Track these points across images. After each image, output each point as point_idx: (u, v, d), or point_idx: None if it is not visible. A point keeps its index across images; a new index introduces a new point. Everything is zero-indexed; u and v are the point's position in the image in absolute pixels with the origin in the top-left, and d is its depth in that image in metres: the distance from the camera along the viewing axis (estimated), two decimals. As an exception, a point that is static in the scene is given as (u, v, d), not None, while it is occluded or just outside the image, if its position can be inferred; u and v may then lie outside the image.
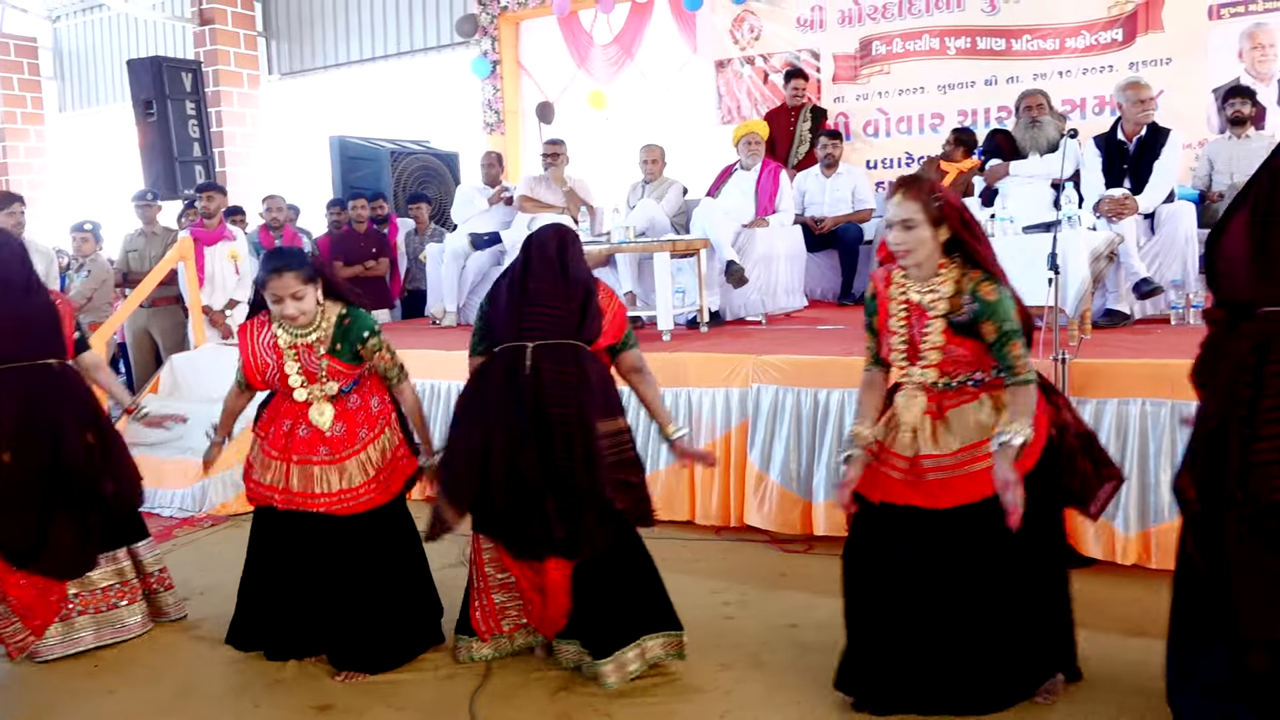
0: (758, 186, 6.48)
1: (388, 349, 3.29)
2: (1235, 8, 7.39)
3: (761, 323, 6.13)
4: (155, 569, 3.75)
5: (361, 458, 3.23)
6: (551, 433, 2.87)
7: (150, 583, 3.71)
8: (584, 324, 3.00)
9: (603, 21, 9.85)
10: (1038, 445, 2.63)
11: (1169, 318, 5.11)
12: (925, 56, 8.45)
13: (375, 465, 3.24)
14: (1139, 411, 3.67)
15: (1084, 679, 2.89)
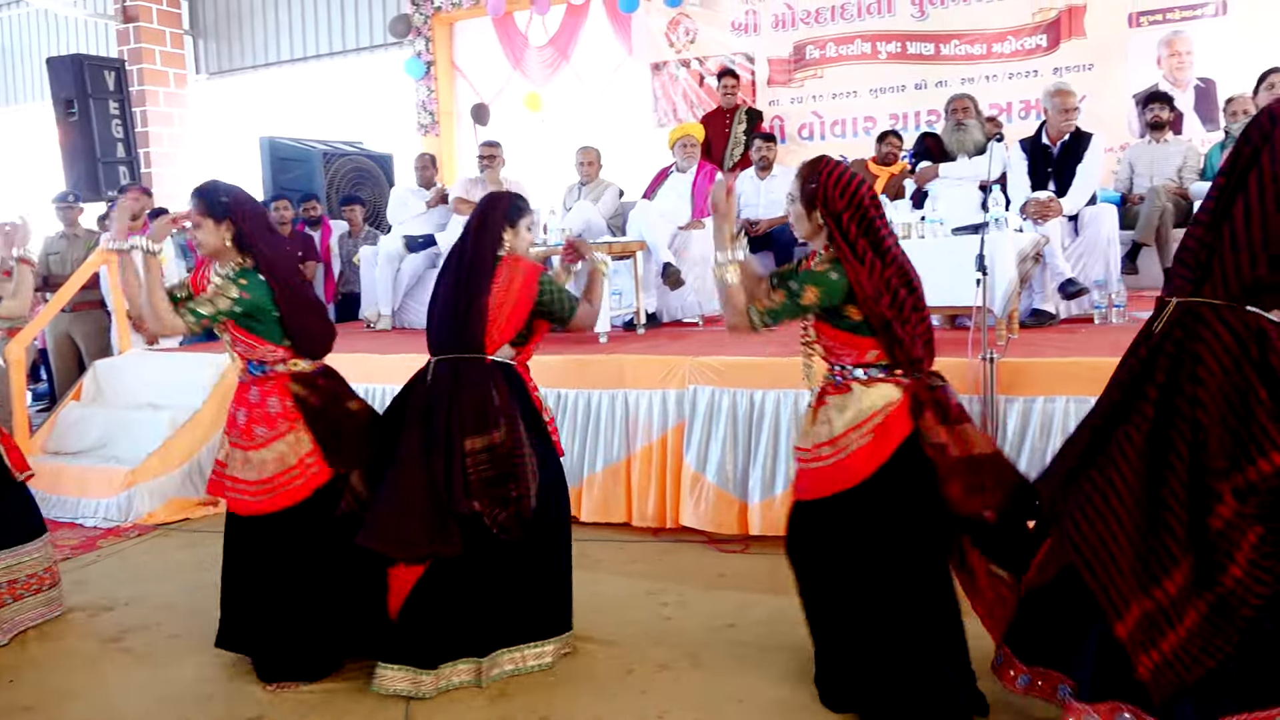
0: (694, 189, 6.51)
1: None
2: (1154, 16, 7.62)
3: (698, 324, 6.16)
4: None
5: (254, 456, 3.08)
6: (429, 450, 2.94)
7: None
8: (465, 334, 3.05)
9: (538, 23, 9.82)
10: (879, 456, 2.59)
11: (1093, 317, 5.24)
12: (857, 61, 8.58)
13: (265, 471, 3.07)
14: (1063, 409, 3.76)
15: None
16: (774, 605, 3.12)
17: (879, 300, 2.57)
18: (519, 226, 3.15)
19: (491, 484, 2.91)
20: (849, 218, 2.60)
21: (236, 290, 3.01)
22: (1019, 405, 3.85)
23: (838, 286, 2.60)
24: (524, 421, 3.04)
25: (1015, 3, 7.99)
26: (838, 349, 2.69)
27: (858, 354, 2.65)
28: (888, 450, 2.60)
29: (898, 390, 2.63)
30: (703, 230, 6.34)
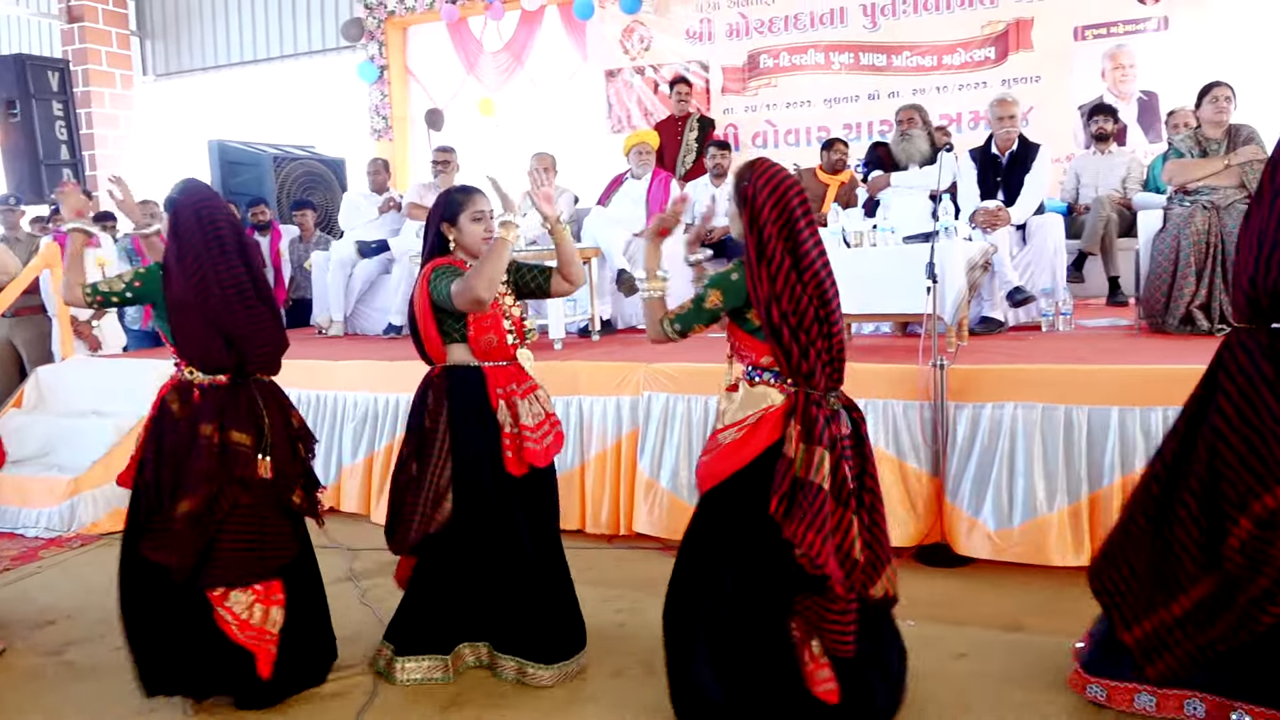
0: (648, 195, 6.53)
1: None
2: (1098, 29, 7.79)
3: (652, 331, 6.16)
4: None
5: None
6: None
7: None
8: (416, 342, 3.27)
9: (492, 29, 9.79)
10: (741, 458, 2.56)
11: (1040, 324, 5.33)
12: (810, 70, 8.67)
13: None
14: (1011, 414, 3.82)
15: (961, 677, 2.98)
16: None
17: (773, 305, 2.49)
18: (460, 221, 3.06)
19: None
20: (771, 221, 2.51)
21: (132, 276, 3.04)
22: (969, 411, 3.90)
23: (737, 288, 2.58)
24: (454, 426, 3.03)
25: (965, 15, 8.13)
26: (742, 350, 2.67)
27: (755, 357, 2.61)
28: (750, 454, 2.55)
29: (780, 396, 2.55)
30: (657, 237, 6.33)
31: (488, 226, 3.05)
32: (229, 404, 2.98)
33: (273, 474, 2.98)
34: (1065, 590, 3.62)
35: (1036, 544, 3.72)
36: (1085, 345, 4.61)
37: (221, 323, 2.95)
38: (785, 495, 2.46)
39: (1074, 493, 3.71)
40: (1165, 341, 4.60)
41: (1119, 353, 4.32)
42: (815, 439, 2.48)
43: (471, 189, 3.12)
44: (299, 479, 3.11)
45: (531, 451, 3.03)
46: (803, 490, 2.45)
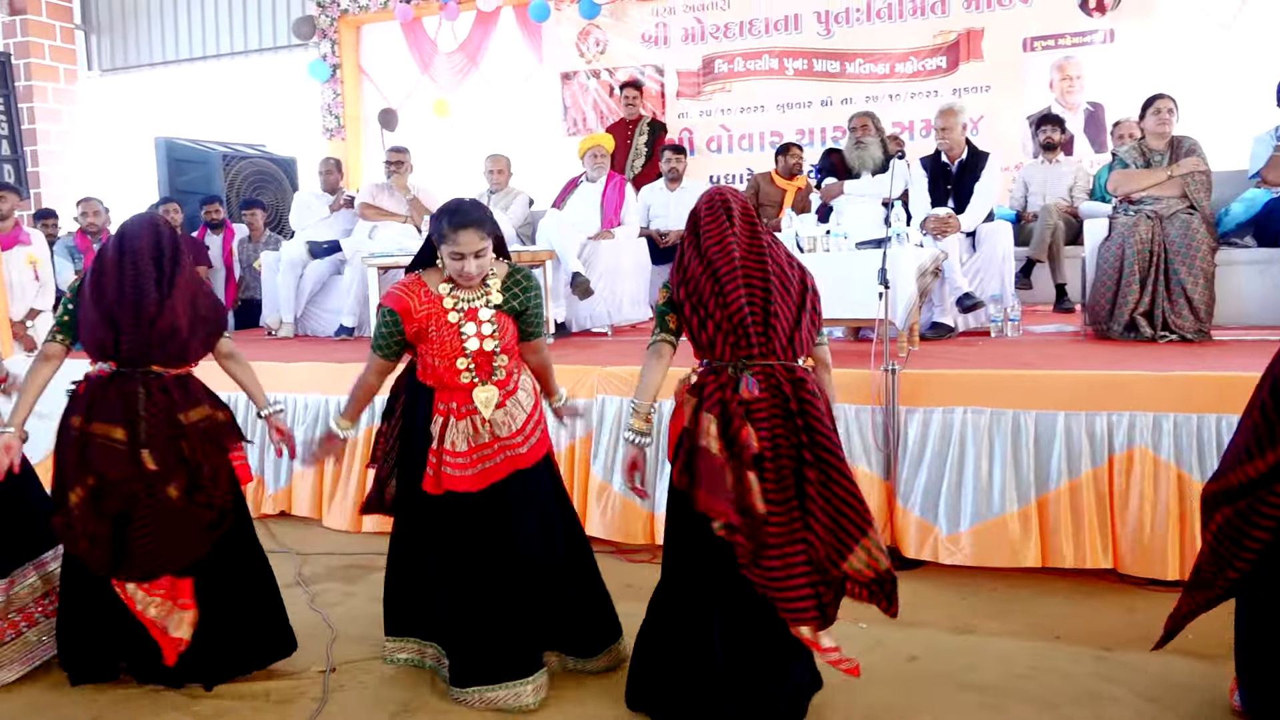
0: (603, 199, 6.52)
1: None
2: (1047, 41, 7.93)
3: (607, 334, 6.16)
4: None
5: None
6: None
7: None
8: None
9: (447, 29, 9.72)
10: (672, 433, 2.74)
11: (989, 330, 5.41)
12: (765, 76, 8.72)
13: None
14: (961, 419, 3.87)
15: (913, 679, 3.01)
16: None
17: (680, 288, 2.68)
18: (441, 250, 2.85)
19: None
20: (686, 225, 2.78)
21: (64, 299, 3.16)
22: (919, 415, 3.95)
23: (668, 284, 2.77)
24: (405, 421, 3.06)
25: (917, 24, 8.22)
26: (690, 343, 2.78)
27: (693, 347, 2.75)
28: (674, 431, 2.71)
29: (694, 376, 2.68)
30: (612, 240, 6.35)
31: (464, 268, 2.81)
32: (99, 397, 2.97)
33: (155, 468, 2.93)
34: (1015, 592, 3.68)
35: (986, 547, 3.77)
36: (1033, 351, 4.69)
37: (106, 303, 2.98)
38: (684, 465, 2.58)
39: (1023, 496, 3.77)
40: (1110, 347, 4.69)
41: (1065, 358, 4.40)
42: (703, 405, 2.56)
43: (462, 221, 2.78)
44: (178, 476, 2.97)
45: (449, 477, 2.85)
46: (696, 456, 2.54)
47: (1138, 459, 3.64)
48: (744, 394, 2.55)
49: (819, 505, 2.52)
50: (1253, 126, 5.73)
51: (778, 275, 2.65)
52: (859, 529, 2.51)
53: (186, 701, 3.03)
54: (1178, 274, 4.76)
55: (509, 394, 2.94)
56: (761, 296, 2.61)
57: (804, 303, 2.68)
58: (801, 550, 2.51)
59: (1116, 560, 3.66)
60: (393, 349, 2.95)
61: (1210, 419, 3.58)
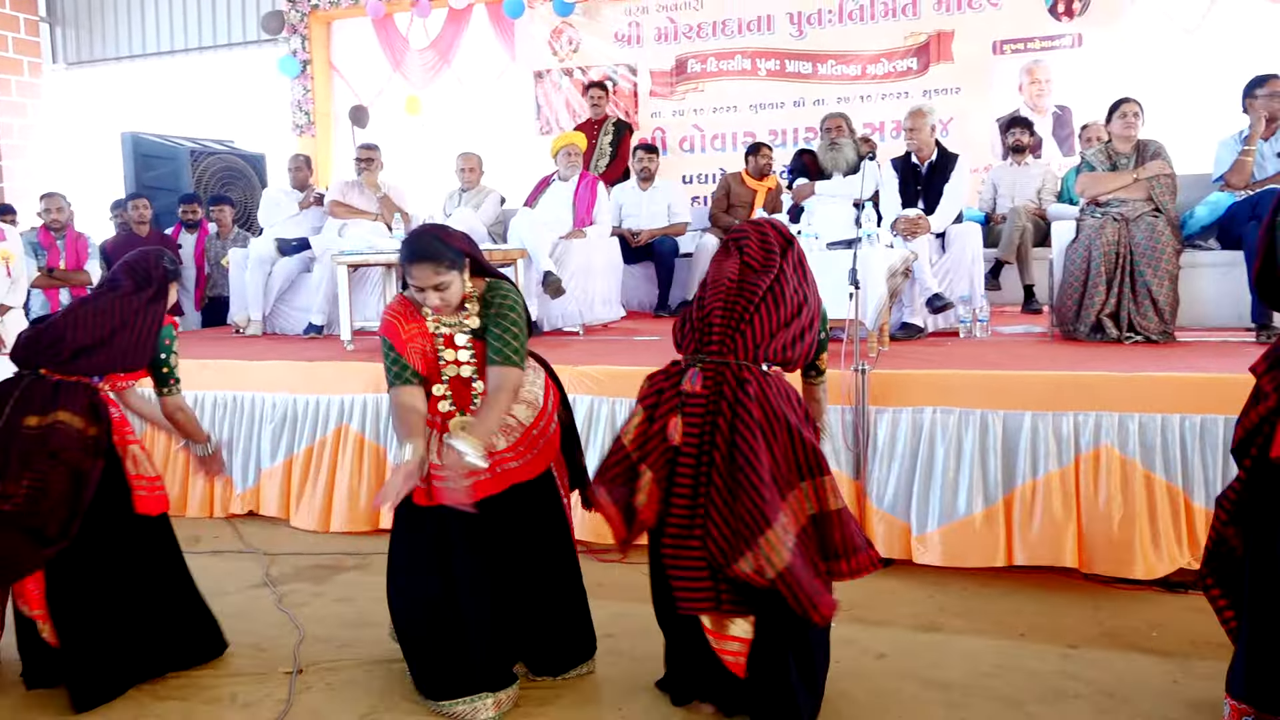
0: (575, 197, 6.51)
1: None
2: (1016, 44, 8.01)
3: (579, 333, 6.15)
4: None
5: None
6: None
7: None
8: None
9: (419, 25, 9.67)
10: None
11: (958, 331, 5.45)
12: (737, 76, 8.75)
13: None
14: (930, 419, 3.89)
15: (880, 676, 3.03)
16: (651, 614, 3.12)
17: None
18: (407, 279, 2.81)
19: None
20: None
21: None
22: (889, 415, 3.97)
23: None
24: None
25: (888, 26, 8.28)
26: None
27: None
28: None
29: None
30: (584, 239, 6.34)
31: (427, 301, 2.73)
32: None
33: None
34: (982, 590, 3.71)
35: (955, 546, 3.79)
36: (1000, 351, 4.73)
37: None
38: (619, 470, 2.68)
39: (990, 496, 3.79)
40: (1076, 348, 4.74)
41: (1033, 359, 4.44)
42: (640, 397, 2.69)
43: (414, 254, 2.70)
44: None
45: (436, 490, 2.75)
46: (611, 447, 2.70)
47: (1104, 458, 3.67)
48: (685, 386, 2.61)
49: (719, 504, 2.52)
50: (1217, 131, 5.81)
51: (775, 292, 2.66)
52: (752, 532, 2.47)
53: (151, 702, 2.99)
54: (1143, 276, 4.82)
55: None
56: (743, 305, 2.64)
57: (791, 324, 2.66)
58: (698, 543, 2.53)
59: (1082, 559, 3.69)
60: (405, 376, 2.77)
61: (1175, 419, 3.62)
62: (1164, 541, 3.58)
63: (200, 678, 3.13)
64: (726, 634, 2.60)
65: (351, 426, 4.74)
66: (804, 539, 2.55)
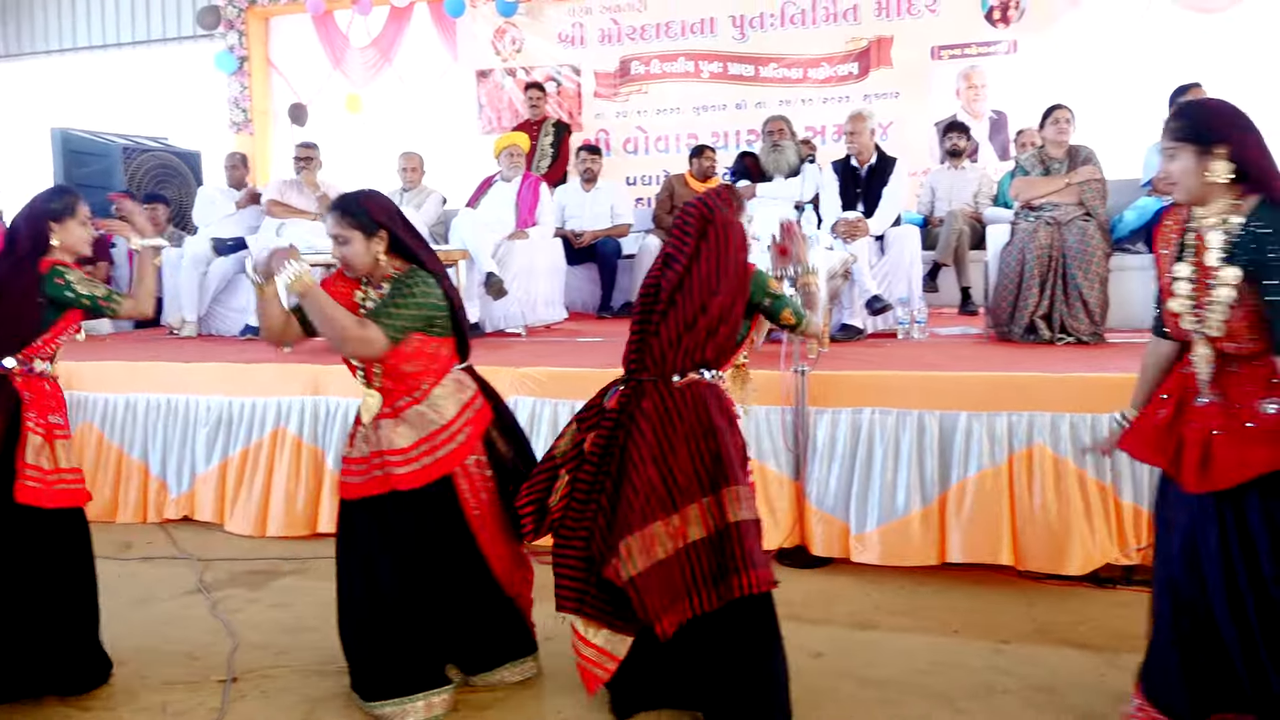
0: (518, 198, 6.48)
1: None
2: (954, 50, 8.15)
3: (521, 335, 6.13)
4: None
5: None
6: None
7: None
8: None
9: (360, 23, 9.57)
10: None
11: (897, 332, 5.52)
12: (680, 78, 8.79)
13: None
14: (869, 419, 3.94)
15: (817, 675, 3.06)
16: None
17: None
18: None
19: None
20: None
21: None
22: (828, 416, 4.01)
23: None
24: None
25: (829, 31, 8.37)
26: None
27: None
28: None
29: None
30: (527, 240, 6.32)
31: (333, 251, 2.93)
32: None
33: None
34: (918, 588, 3.76)
35: (892, 545, 3.84)
36: (938, 352, 4.80)
37: None
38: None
39: (927, 495, 3.85)
40: (1011, 349, 4.83)
41: (968, 360, 4.52)
42: (577, 413, 2.82)
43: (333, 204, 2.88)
44: None
45: (342, 483, 2.89)
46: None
47: (1036, 457, 3.75)
48: (606, 403, 2.75)
49: (605, 509, 2.64)
50: (1146, 137, 5.97)
51: (685, 294, 2.66)
52: (618, 538, 2.55)
53: (75, 713, 2.92)
54: (1074, 279, 4.93)
55: (399, 410, 2.83)
56: (647, 314, 2.73)
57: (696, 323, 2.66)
58: (581, 545, 2.67)
59: (1016, 556, 3.76)
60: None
61: (1104, 418, 3.68)
62: (1094, 538, 3.66)
63: (129, 686, 3.06)
64: (588, 640, 2.68)
65: (289, 429, 4.67)
66: (690, 552, 2.59)
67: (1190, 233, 2.38)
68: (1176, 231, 2.42)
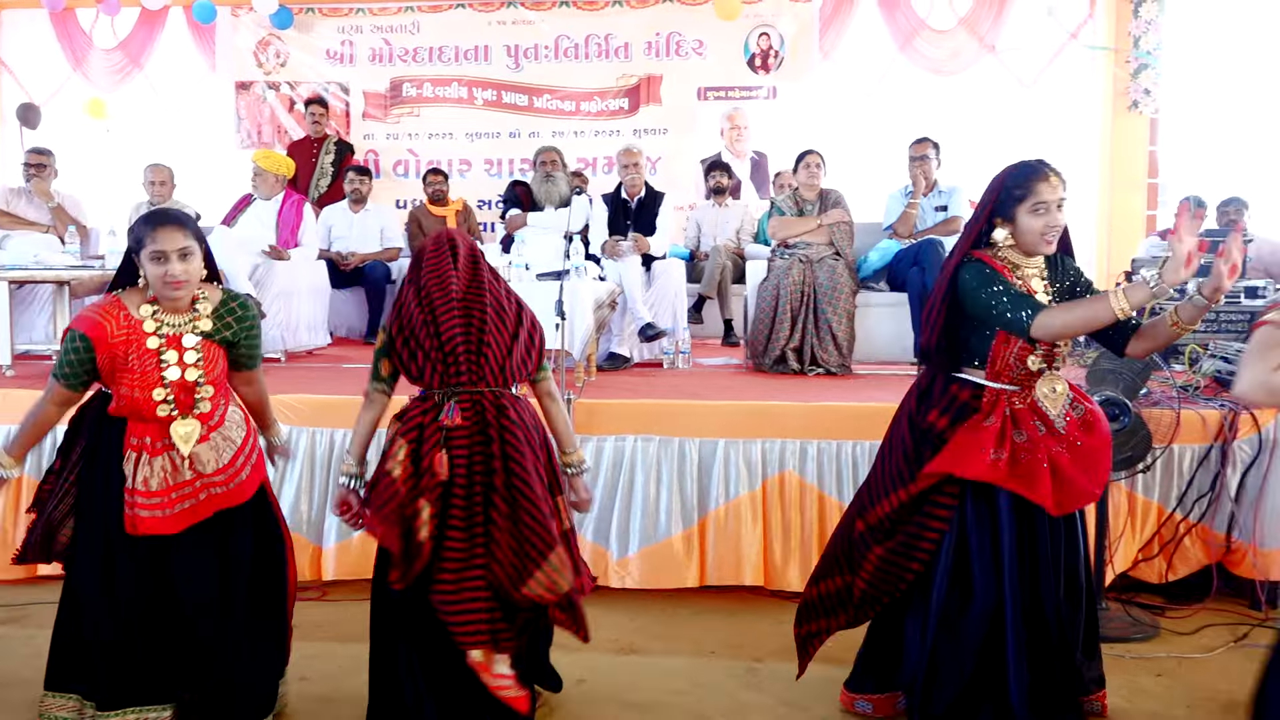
0: (279, 218, 6.21)
1: None
2: (719, 92, 8.53)
3: (280, 360, 5.85)
4: None
5: None
6: None
7: None
8: None
9: (105, 24, 8.91)
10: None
11: (662, 362, 5.67)
12: (454, 104, 8.73)
13: None
14: (632, 446, 4.02)
15: (580, 701, 3.08)
16: (347, 654, 3.01)
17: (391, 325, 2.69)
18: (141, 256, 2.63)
19: None
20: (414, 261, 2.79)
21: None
22: (594, 443, 4.06)
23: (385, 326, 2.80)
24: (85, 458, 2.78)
25: (601, 66, 8.57)
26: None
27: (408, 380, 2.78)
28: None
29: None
30: (288, 262, 6.06)
31: (169, 271, 2.57)
32: None
33: None
34: (678, 611, 3.87)
35: (654, 568, 3.93)
36: (700, 382, 4.98)
37: None
38: (370, 488, 2.67)
39: (687, 519, 3.97)
40: (766, 380, 5.08)
41: (728, 390, 4.71)
42: (399, 431, 2.63)
43: (159, 218, 2.63)
44: None
45: (143, 520, 2.62)
46: (378, 479, 2.62)
47: (787, 483, 3.95)
48: (444, 420, 2.60)
49: (503, 530, 2.56)
50: (888, 183, 6.46)
51: (494, 308, 2.68)
52: (540, 553, 2.55)
53: None
54: (824, 314, 5.25)
55: (214, 428, 2.71)
56: (477, 327, 2.65)
57: (518, 334, 2.71)
58: (480, 575, 2.55)
59: (767, 577, 3.94)
60: (80, 379, 2.66)
61: (848, 445, 3.96)
62: (838, 558, 3.88)
63: None
64: (495, 670, 2.58)
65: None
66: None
67: (1017, 280, 2.65)
68: (1007, 276, 2.65)
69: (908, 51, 8.30)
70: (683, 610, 3.87)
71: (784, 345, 5.23)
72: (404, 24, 8.71)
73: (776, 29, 8.40)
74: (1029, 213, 2.64)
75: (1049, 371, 2.69)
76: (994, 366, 2.70)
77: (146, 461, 2.64)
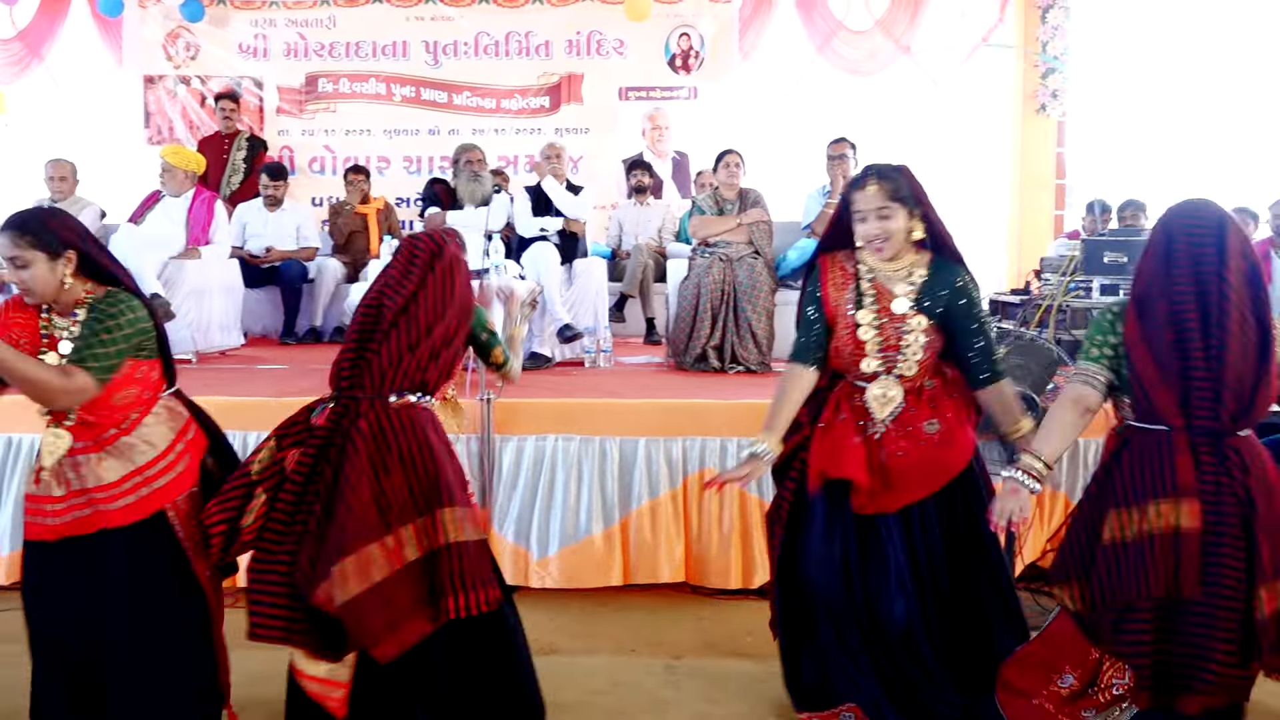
0: (190, 215, 6.03)
1: None
2: (640, 92, 8.55)
3: (192, 361, 5.69)
4: None
5: None
6: None
7: None
8: None
9: (4, 12, 8.56)
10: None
11: (584, 361, 5.66)
12: (371, 100, 8.61)
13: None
14: (553, 446, 4.01)
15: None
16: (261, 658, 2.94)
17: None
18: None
19: None
20: None
21: None
22: (514, 443, 4.04)
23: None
24: None
25: (521, 64, 8.52)
26: None
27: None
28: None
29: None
30: (198, 260, 5.90)
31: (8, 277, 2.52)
32: None
33: None
34: (599, 610, 3.87)
35: (574, 568, 3.92)
36: (621, 381, 4.98)
37: None
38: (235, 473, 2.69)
39: (608, 517, 3.97)
40: (687, 378, 5.10)
41: (649, 388, 4.73)
42: (275, 430, 2.68)
43: (6, 223, 2.48)
44: None
45: (29, 525, 2.56)
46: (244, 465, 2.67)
47: (707, 479, 3.97)
48: (314, 420, 2.64)
49: (312, 533, 2.50)
50: (807, 183, 6.55)
51: (411, 316, 2.65)
52: (329, 561, 2.45)
53: None
54: (745, 312, 5.30)
55: (106, 443, 2.55)
56: (370, 332, 2.66)
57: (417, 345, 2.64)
58: (282, 570, 2.50)
59: (689, 573, 3.97)
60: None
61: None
62: (756, 553, 3.92)
63: None
64: (308, 673, 2.55)
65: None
66: (406, 574, 2.53)
67: (865, 281, 2.67)
68: (849, 279, 2.68)
69: (825, 52, 8.41)
70: (604, 609, 3.87)
71: (705, 343, 5.26)
72: (320, 18, 8.54)
73: (697, 29, 8.45)
74: (856, 220, 2.72)
75: (886, 377, 2.74)
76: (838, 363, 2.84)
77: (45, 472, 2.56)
